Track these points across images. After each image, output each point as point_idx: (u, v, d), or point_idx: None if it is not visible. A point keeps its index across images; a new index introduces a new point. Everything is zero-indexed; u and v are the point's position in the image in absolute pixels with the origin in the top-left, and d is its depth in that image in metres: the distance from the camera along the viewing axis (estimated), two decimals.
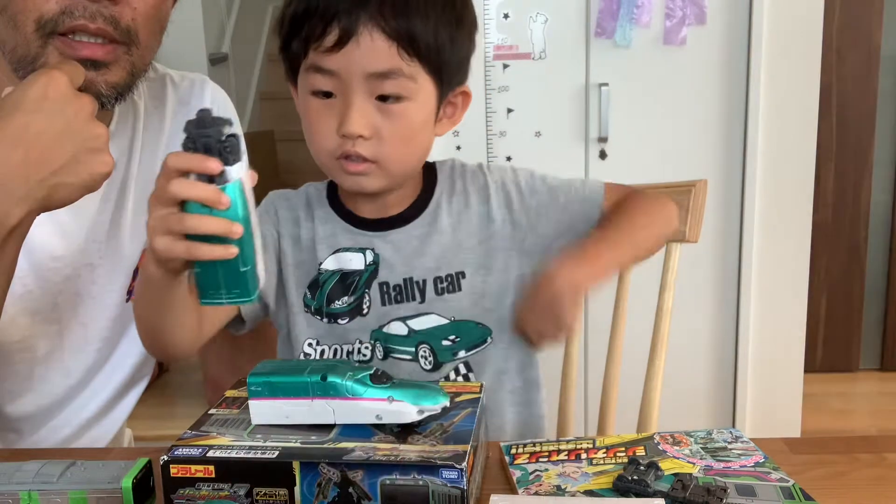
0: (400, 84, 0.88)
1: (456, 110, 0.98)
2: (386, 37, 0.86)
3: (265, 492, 0.66)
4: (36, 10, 0.84)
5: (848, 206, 3.00)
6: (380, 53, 0.86)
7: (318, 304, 0.98)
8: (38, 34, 0.85)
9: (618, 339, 1.17)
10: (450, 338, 0.97)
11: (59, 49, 0.86)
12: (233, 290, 0.71)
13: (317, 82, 0.89)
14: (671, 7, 2.16)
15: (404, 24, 0.86)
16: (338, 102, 0.89)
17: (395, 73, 0.87)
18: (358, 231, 0.99)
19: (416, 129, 0.92)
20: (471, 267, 0.98)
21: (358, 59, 0.86)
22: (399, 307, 0.97)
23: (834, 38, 2.80)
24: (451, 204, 1.00)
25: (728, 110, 2.23)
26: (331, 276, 0.98)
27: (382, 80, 0.87)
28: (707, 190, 1.14)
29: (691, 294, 2.25)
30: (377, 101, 0.88)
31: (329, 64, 0.87)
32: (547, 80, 2.21)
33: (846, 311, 3.08)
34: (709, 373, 2.39)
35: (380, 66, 0.87)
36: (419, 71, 0.89)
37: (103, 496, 0.68)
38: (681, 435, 0.80)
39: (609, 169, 2.26)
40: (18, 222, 0.77)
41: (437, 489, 0.64)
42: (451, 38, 0.91)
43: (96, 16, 0.85)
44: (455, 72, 0.94)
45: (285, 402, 0.72)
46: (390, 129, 0.89)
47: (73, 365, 1.05)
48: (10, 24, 0.85)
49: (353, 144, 0.89)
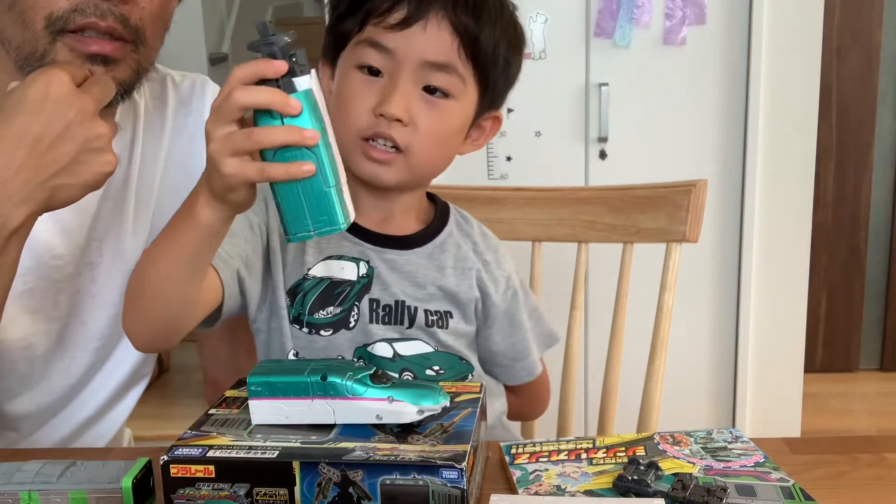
0: (450, 80, 0.87)
1: (482, 135, 0.98)
2: (452, 29, 0.85)
3: (265, 492, 0.66)
4: (46, 7, 0.84)
5: (848, 206, 3.00)
6: (442, 44, 0.85)
7: (298, 312, 0.92)
8: (47, 31, 0.84)
9: (618, 340, 1.17)
10: (434, 368, 0.94)
11: (69, 45, 0.85)
12: (320, 218, 0.66)
13: (368, 57, 0.87)
14: (671, 7, 2.16)
15: (473, 24, 0.86)
16: (383, 82, 0.86)
17: (450, 67, 0.86)
18: (354, 238, 0.94)
19: (450, 131, 0.91)
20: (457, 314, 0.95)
21: (419, 43, 0.85)
22: (386, 328, 0.93)
23: (834, 37, 2.79)
24: (461, 249, 0.97)
25: (728, 110, 2.23)
26: (316, 283, 0.93)
27: (435, 71, 0.86)
28: (707, 190, 1.14)
29: (691, 294, 2.25)
30: (423, 92, 0.87)
31: (388, 41, 0.85)
32: (547, 80, 2.21)
33: (846, 311, 3.08)
34: (709, 373, 2.39)
35: (438, 56, 0.86)
36: (470, 75, 0.88)
37: (103, 496, 0.68)
38: (681, 435, 0.80)
39: (609, 169, 2.26)
40: (20, 224, 0.77)
41: (437, 489, 0.64)
42: (506, 57, 0.91)
43: (107, 14, 0.85)
44: (500, 91, 0.94)
45: (285, 402, 0.72)
46: (428, 122, 0.87)
47: (73, 364, 1.05)
48: (18, 20, 0.85)
49: (387, 126, 0.86)
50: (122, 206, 1.02)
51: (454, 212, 1.01)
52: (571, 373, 1.20)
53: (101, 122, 0.79)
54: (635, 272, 1.18)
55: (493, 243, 1.02)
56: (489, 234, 1.03)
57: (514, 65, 0.93)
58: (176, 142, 1.06)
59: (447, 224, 0.99)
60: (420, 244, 0.96)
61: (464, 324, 0.96)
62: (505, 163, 2.26)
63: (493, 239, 1.03)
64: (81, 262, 1.00)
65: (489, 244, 1.01)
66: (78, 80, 0.80)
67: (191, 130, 1.06)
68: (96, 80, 0.82)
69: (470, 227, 1.01)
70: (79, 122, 0.77)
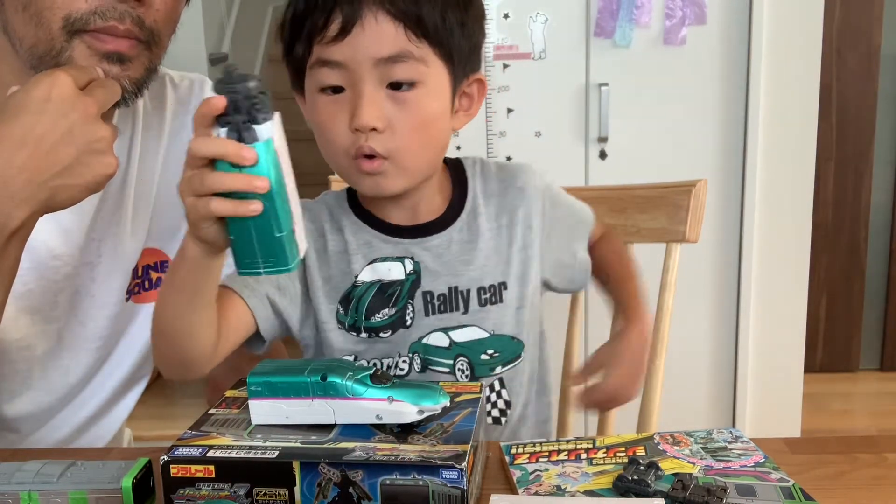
0: (411, 68, 0.84)
1: (472, 102, 0.95)
2: (392, 18, 0.83)
3: (265, 492, 0.66)
4: (65, 8, 0.83)
5: (848, 206, 3.00)
6: (387, 36, 0.83)
7: (354, 319, 0.93)
8: (64, 31, 0.84)
9: None
10: (488, 352, 0.95)
11: (87, 43, 0.85)
12: (269, 259, 0.68)
13: (324, 77, 0.86)
14: (671, 7, 2.16)
15: (411, 4, 0.83)
16: (348, 96, 0.85)
17: (405, 55, 0.84)
18: (393, 239, 0.94)
19: (430, 119, 0.88)
20: (513, 277, 0.96)
21: (364, 45, 0.83)
22: (442, 317, 0.94)
23: (834, 38, 2.80)
24: (490, 206, 0.97)
25: (728, 110, 2.23)
26: (367, 288, 0.93)
27: (392, 64, 0.84)
28: (707, 190, 1.14)
29: (691, 294, 2.25)
30: (389, 91, 0.85)
31: (335, 55, 0.84)
32: (547, 80, 2.21)
33: (846, 311, 3.09)
34: (709, 373, 2.39)
35: (388, 49, 0.83)
36: (429, 53, 0.85)
37: (103, 496, 0.68)
38: (681, 435, 0.80)
39: (609, 169, 2.26)
40: (21, 224, 0.77)
41: (437, 489, 0.64)
42: (461, 21, 0.87)
43: (125, 16, 0.85)
44: (467, 57, 0.90)
45: (285, 402, 0.72)
46: (404, 120, 0.85)
47: (72, 364, 1.05)
48: (34, 20, 0.84)
49: (366, 139, 0.85)
50: (120, 206, 1.02)
51: (469, 167, 1.00)
52: (571, 372, 1.20)
53: (102, 124, 0.80)
54: None
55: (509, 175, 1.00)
56: (505, 166, 1.01)
57: (470, 24, 0.89)
58: (175, 142, 1.06)
59: (468, 188, 0.98)
60: (453, 220, 0.96)
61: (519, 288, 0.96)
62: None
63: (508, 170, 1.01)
64: (80, 262, 1.00)
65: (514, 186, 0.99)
66: (81, 83, 0.80)
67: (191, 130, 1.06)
68: (100, 83, 0.82)
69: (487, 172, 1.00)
70: (81, 124, 0.78)
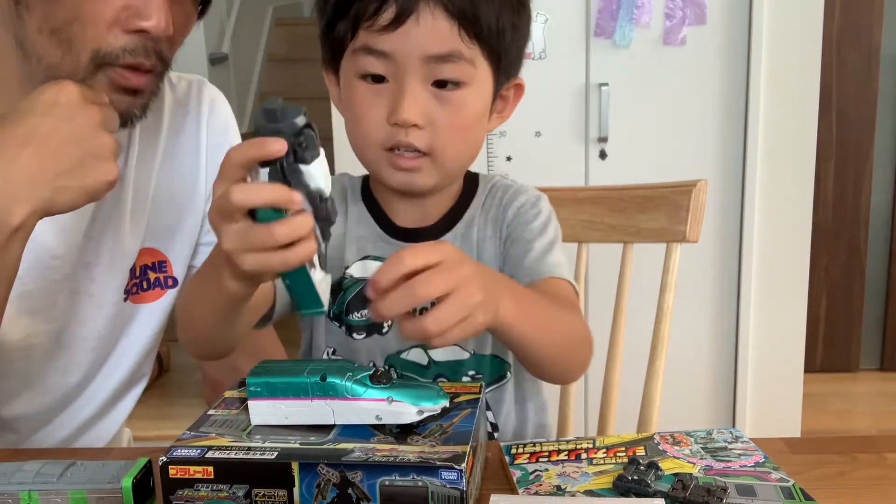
0: (459, 68, 0.82)
1: (507, 105, 0.92)
2: (448, 16, 0.79)
3: (264, 493, 0.66)
4: (96, 42, 0.84)
5: (848, 206, 3.00)
6: (440, 34, 0.80)
7: (338, 310, 0.91)
8: (92, 63, 0.85)
9: (618, 339, 1.17)
10: (469, 373, 0.93)
11: (110, 77, 0.86)
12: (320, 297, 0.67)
13: (368, 64, 0.82)
14: (671, 7, 2.16)
15: (468, 2, 0.80)
16: (389, 88, 0.82)
17: (455, 56, 0.81)
18: (391, 239, 0.92)
19: (472, 120, 0.86)
20: None
21: (416, 39, 0.79)
22: None
23: (834, 38, 2.80)
24: (484, 222, 0.94)
25: (728, 110, 2.23)
26: (354, 283, 0.91)
27: (441, 63, 0.81)
28: (707, 190, 1.14)
29: (691, 294, 2.25)
30: (433, 88, 0.82)
31: (383, 45, 0.80)
32: (547, 80, 2.21)
33: (846, 311, 3.09)
34: (709, 373, 2.39)
35: (440, 47, 0.80)
36: (478, 55, 0.83)
37: (103, 496, 0.68)
38: (681, 435, 0.80)
39: (609, 169, 2.26)
40: (21, 223, 0.77)
41: (437, 490, 0.63)
42: (513, 24, 0.85)
43: (151, 53, 0.87)
44: (514, 61, 0.88)
45: (284, 403, 0.72)
46: (446, 119, 0.83)
47: (72, 364, 1.05)
48: (62, 46, 0.85)
49: (405, 134, 0.82)
50: (118, 206, 1.02)
51: (482, 182, 0.97)
52: None
53: (106, 133, 0.81)
54: (635, 272, 1.18)
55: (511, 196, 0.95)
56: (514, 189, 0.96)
57: (521, 28, 0.87)
58: (174, 142, 1.06)
59: (472, 201, 0.95)
60: (449, 227, 0.93)
61: None
62: (505, 163, 2.26)
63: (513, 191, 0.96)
64: (79, 262, 1.00)
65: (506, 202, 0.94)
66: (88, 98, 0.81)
67: (189, 131, 1.06)
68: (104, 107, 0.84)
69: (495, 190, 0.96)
70: (85, 129, 0.78)
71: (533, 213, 0.93)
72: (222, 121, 1.09)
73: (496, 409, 0.95)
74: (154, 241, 1.05)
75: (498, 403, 0.95)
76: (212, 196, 0.66)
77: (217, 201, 0.63)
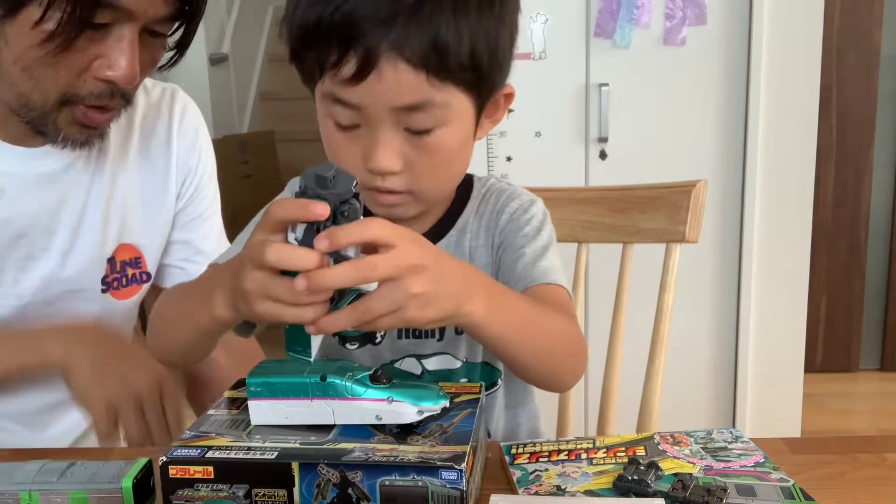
0: (431, 115, 0.77)
1: (497, 109, 0.87)
2: (412, 67, 0.74)
3: (264, 492, 0.66)
4: (67, 86, 0.89)
5: (848, 206, 3.00)
6: (406, 86, 0.74)
7: None
8: (57, 101, 0.90)
9: (618, 339, 1.17)
10: (462, 381, 0.91)
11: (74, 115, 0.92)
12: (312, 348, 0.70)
13: (338, 115, 0.78)
14: (671, 7, 2.16)
15: (433, 44, 0.73)
16: (363, 133, 0.78)
17: (425, 104, 0.76)
18: None
19: (453, 155, 0.82)
20: None
21: (381, 92, 0.75)
22: (417, 343, 0.90)
23: (834, 38, 2.80)
24: (478, 227, 0.92)
25: (728, 110, 2.24)
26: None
27: (411, 112, 0.76)
28: (707, 190, 1.14)
29: (691, 294, 2.25)
30: (407, 133, 0.78)
31: (349, 96, 0.76)
32: (547, 80, 2.21)
33: (846, 311, 3.09)
34: (709, 373, 2.39)
35: (407, 99, 0.75)
36: (453, 93, 0.77)
37: (103, 496, 0.68)
38: (681, 435, 0.80)
39: (609, 169, 2.26)
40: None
41: (437, 490, 0.63)
42: (490, 45, 0.78)
43: (116, 96, 0.92)
44: (495, 80, 0.82)
45: (285, 403, 0.72)
46: (424, 162, 0.79)
47: None
48: (34, 82, 0.89)
49: (382, 180, 0.79)
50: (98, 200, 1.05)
51: (477, 186, 0.95)
52: None
53: None
54: (635, 272, 1.18)
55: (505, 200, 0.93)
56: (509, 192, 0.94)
57: (502, 40, 0.80)
58: (146, 143, 1.10)
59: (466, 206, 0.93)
60: (442, 234, 0.91)
61: None
62: (505, 163, 2.26)
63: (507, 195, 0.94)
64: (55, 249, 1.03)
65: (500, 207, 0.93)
66: None
67: (159, 134, 1.11)
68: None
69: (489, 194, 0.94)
70: None
71: (525, 218, 0.92)
72: (193, 126, 1.14)
73: (487, 415, 0.94)
74: (129, 236, 1.08)
75: (489, 409, 0.95)
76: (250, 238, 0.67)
77: (253, 247, 0.64)
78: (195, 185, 1.14)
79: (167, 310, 0.84)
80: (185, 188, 1.13)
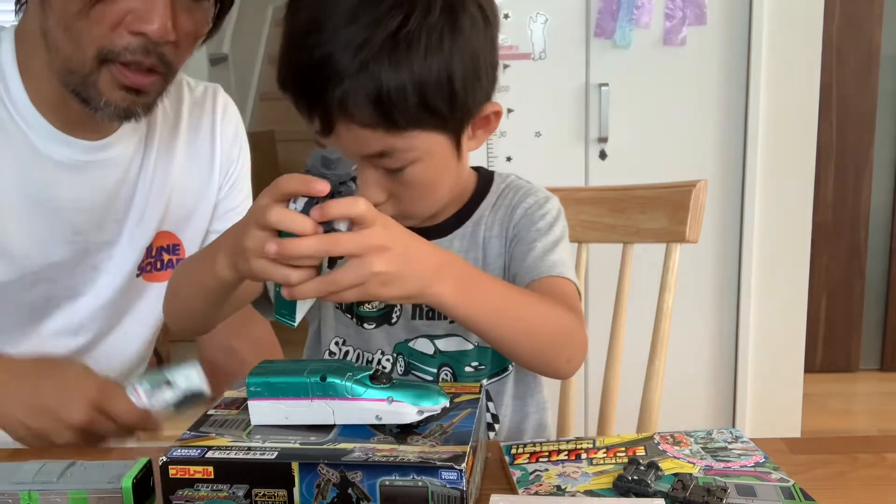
0: (399, 158, 0.81)
1: (488, 123, 0.89)
2: (366, 126, 0.78)
3: (264, 493, 0.66)
4: (101, 40, 0.90)
5: (848, 206, 3.00)
6: (364, 141, 0.79)
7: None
8: (96, 59, 0.91)
9: (618, 339, 1.17)
10: (473, 364, 0.94)
11: (113, 74, 0.92)
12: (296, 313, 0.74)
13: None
14: (671, 7, 2.16)
15: (376, 102, 0.77)
16: None
17: (389, 151, 0.80)
18: None
19: (434, 182, 0.86)
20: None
21: (346, 145, 0.80)
22: (429, 324, 0.94)
23: (834, 38, 2.80)
24: (493, 220, 0.95)
25: (728, 110, 2.24)
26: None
27: (380, 158, 0.81)
28: (707, 190, 1.14)
29: (691, 294, 2.25)
30: (385, 171, 0.83)
31: (326, 142, 0.82)
32: (547, 80, 2.21)
33: (846, 311, 3.09)
34: (709, 373, 2.39)
35: (367, 150, 0.80)
36: (416, 136, 0.80)
37: (103, 496, 0.68)
38: (681, 435, 0.80)
39: (609, 169, 2.26)
40: None
41: (437, 490, 0.63)
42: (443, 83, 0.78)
43: (151, 53, 0.92)
44: (466, 110, 0.83)
45: (285, 403, 0.72)
46: (406, 193, 0.84)
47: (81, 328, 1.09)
48: (74, 41, 0.91)
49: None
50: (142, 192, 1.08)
51: (496, 182, 0.98)
52: None
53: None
54: (635, 272, 1.18)
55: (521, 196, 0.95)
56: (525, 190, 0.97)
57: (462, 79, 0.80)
58: (192, 138, 1.13)
59: (484, 200, 0.96)
60: (457, 227, 0.95)
61: None
62: (505, 163, 2.26)
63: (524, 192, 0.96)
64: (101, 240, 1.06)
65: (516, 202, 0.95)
66: None
67: (204, 129, 1.15)
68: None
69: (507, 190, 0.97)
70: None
71: (540, 213, 0.94)
72: (234, 121, 1.19)
73: (497, 401, 0.97)
74: (170, 225, 1.12)
75: (499, 395, 0.97)
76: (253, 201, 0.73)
77: (258, 209, 0.70)
78: (235, 177, 1.18)
79: (177, 275, 0.89)
80: (227, 179, 1.17)
